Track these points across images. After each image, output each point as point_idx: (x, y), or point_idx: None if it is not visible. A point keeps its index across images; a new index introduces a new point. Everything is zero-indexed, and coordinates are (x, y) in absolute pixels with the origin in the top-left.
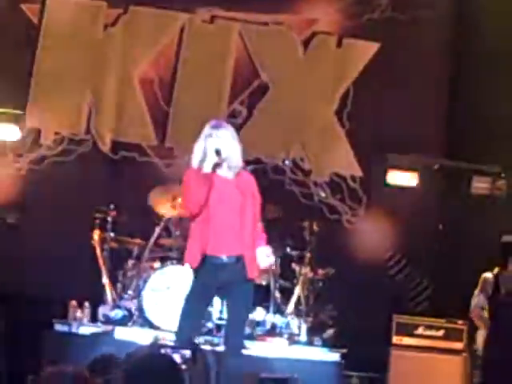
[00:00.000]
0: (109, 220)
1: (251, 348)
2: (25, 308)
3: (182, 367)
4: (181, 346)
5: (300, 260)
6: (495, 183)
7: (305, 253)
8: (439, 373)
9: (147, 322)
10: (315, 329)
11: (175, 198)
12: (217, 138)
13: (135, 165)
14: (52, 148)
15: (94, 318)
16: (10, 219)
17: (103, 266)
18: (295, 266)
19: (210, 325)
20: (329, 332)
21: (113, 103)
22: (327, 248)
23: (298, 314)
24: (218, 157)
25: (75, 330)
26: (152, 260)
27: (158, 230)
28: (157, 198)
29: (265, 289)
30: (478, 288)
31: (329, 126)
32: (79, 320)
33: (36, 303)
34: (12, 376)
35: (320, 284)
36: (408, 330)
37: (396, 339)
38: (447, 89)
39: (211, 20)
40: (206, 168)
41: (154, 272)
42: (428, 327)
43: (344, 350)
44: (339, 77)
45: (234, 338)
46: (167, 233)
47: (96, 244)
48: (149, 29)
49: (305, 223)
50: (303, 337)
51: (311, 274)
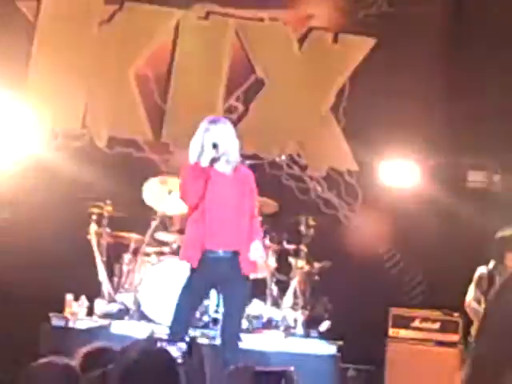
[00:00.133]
0: (105, 215)
1: (247, 341)
2: (21, 302)
3: (178, 361)
4: (176, 339)
5: (296, 254)
6: (491, 178)
7: (301, 246)
8: (435, 365)
9: (144, 316)
10: (311, 322)
11: (170, 192)
12: (214, 132)
13: (131, 160)
14: (47, 143)
15: (91, 313)
16: (4, 214)
17: (99, 261)
18: (291, 260)
19: (207, 318)
20: (325, 325)
21: (108, 99)
22: (323, 242)
23: (295, 308)
24: (215, 150)
25: (72, 325)
26: (148, 254)
27: (154, 225)
28: (152, 192)
29: (261, 282)
30: (473, 282)
31: (325, 122)
32: (76, 314)
33: (32, 298)
34: (8, 371)
35: (316, 277)
36: (404, 323)
37: (392, 332)
38: (444, 83)
39: (206, 16)
40: (204, 162)
41: (151, 266)
42: (424, 320)
43: (340, 343)
44: (335, 72)
45: (231, 333)
46: (163, 227)
47: (92, 239)
48: (144, 25)
49: (301, 217)
50: (299, 330)
51: (307, 268)
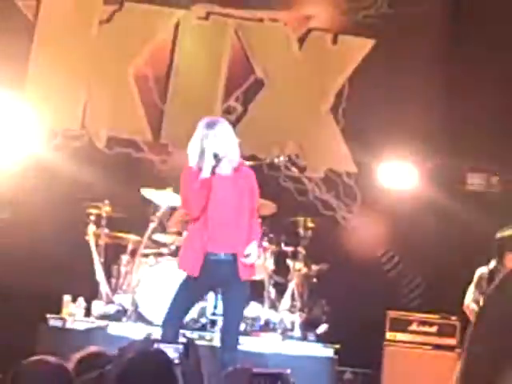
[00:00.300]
0: (103, 216)
1: (245, 343)
2: (19, 303)
3: (175, 362)
4: (167, 339)
5: (294, 256)
6: (490, 180)
7: (299, 249)
8: (433, 368)
9: (141, 318)
10: (309, 324)
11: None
12: (214, 138)
13: (130, 161)
14: (46, 143)
15: (88, 314)
16: (4, 214)
17: (97, 262)
18: (289, 262)
19: (204, 320)
20: (322, 327)
21: (108, 99)
22: (321, 244)
23: (292, 310)
24: (216, 159)
25: (69, 326)
26: (146, 256)
27: (153, 226)
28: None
29: (259, 284)
30: (473, 283)
31: (324, 123)
32: (73, 315)
33: (30, 298)
34: (4, 372)
35: (314, 280)
36: (402, 326)
37: (390, 335)
38: (443, 85)
39: (206, 16)
40: (205, 173)
41: (148, 268)
42: (421, 323)
43: (337, 346)
44: (334, 73)
45: (230, 335)
46: (162, 228)
47: (90, 239)
48: (144, 25)
49: (299, 219)
50: (297, 332)
51: (305, 270)
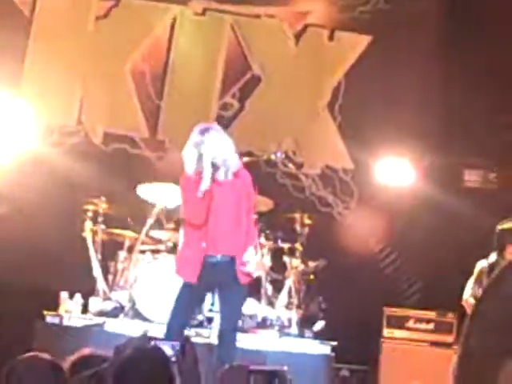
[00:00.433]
0: (100, 212)
1: (242, 340)
2: (16, 300)
3: (172, 359)
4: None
5: (291, 252)
6: (487, 176)
7: (296, 245)
8: (430, 365)
9: (138, 315)
10: (306, 321)
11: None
12: (210, 144)
13: (127, 157)
14: (43, 139)
15: (85, 310)
16: (0, 210)
17: (94, 258)
18: (286, 259)
19: (201, 317)
20: (319, 324)
21: (104, 95)
22: (318, 240)
23: (289, 307)
24: (214, 166)
25: (66, 322)
26: (143, 252)
27: (150, 223)
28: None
29: (256, 281)
30: (473, 277)
31: (320, 119)
32: (70, 312)
33: (27, 295)
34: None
35: (311, 276)
36: (399, 323)
37: (387, 332)
38: (440, 81)
39: (203, 12)
40: (205, 183)
41: (146, 264)
42: (419, 320)
43: (334, 343)
44: (331, 69)
45: (227, 335)
46: (159, 225)
47: (87, 236)
48: (140, 21)
49: (296, 215)
50: (294, 329)
51: (302, 267)
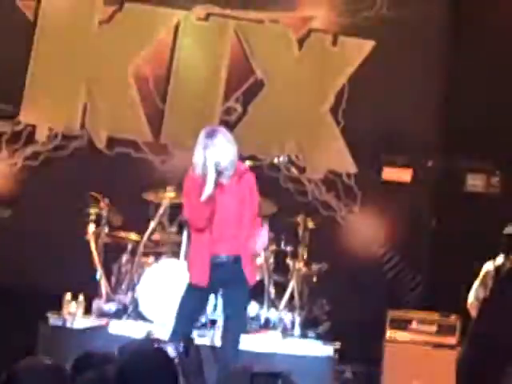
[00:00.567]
0: (103, 215)
1: (245, 342)
2: (19, 301)
3: (175, 361)
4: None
5: (294, 255)
6: (490, 181)
7: (299, 248)
8: (433, 367)
9: (141, 316)
10: (309, 323)
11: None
12: (214, 148)
13: (130, 161)
14: (46, 144)
15: (88, 312)
16: (4, 214)
17: (97, 261)
18: (289, 261)
19: (204, 319)
20: (322, 327)
21: (107, 99)
22: (321, 243)
23: (292, 309)
24: (218, 171)
25: (69, 324)
26: (146, 255)
27: (153, 225)
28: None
29: (259, 283)
30: (479, 280)
31: (324, 124)
32: (73, 314)
33: (30, 297)
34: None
35: (314, 279)
36: (401, 325)
37: (390, 334)
38: (442, 86)
39: (206, 17)
40: (208, 188)
41: (148, 267)
42: (421, 322)
43: (337, 345)
44: (334, 74)
45: (230, 336)
46: (162, 228)
47: (90, 239)
48: (144, 26)
49: (299, 219)
50: (297, 331)
51: (305, 269)
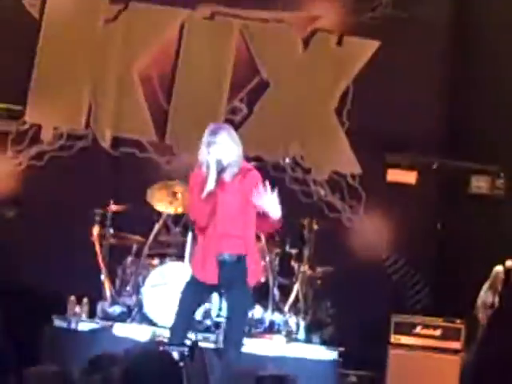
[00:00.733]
0: (108, 216)
1: (249, 345)
2: (23, 303)
3: (180, 364)
4: (177, 343)
5: (299, 258)
6: (494, 182)
7: (304, 251)
8: (437, 372)
9: (146, 319)
10: (313, 327)
11: (175, 195)
12: (216, 146)
13: (135, 161)
14: (51, 143)
15: (93, 314)
16: (9, 214)
17: (102, 262)
18: (294, 264)
19: (209, 322)
20: (327, 330)
21: (112, 99)
22: (326, 246)
23: (297, 312)
24: (220, 168)
25: (74, 326)
26: (151, 257)
27: (157, 227)
28: (156, 195)
29: (263, 286)
30: (488, 283)
31: (328, 124)
32: (78, 316)
33: (35, 299)
34: (11, 373)
35: (318, 282)
36: (406, 329)
37: (394, 338)
38: (447, 87)
39: (211, 16)
40: (210, 185)
41: (153, 269)
42: (426, 326)
43: (342, 349)
44: (339, 75)
45: (233, 338)
46: (166, 229)
47: (95, 240)
48: (149, 25)
49: (304, 221)
50: (301, 335)
51: (310, 272)
